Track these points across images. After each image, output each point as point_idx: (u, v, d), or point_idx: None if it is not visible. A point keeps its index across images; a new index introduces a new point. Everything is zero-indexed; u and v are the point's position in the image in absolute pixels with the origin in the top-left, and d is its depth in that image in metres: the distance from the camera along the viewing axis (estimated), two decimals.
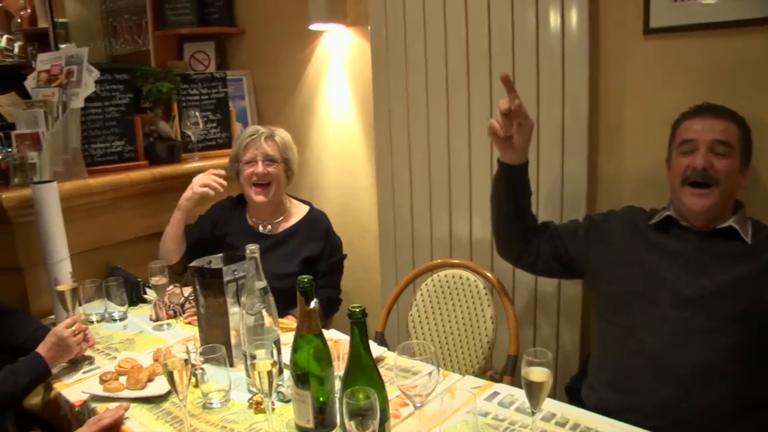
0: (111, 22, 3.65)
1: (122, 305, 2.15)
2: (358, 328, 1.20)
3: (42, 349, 1.69)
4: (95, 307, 2.15)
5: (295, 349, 1.31)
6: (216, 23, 3.32)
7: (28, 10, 4.38)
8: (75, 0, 3.94)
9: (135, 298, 2.28)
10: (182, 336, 1.97)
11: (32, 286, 2.19)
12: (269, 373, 1.29)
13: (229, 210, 2.46)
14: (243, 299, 1.53)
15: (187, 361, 1.38)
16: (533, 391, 1.26)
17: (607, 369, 1.72)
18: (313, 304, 1.27)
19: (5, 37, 4.33)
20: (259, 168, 2.29)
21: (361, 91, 2.88)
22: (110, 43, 3.68)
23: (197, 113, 2.68)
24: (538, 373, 1.25)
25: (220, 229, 2.41)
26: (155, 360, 1.74)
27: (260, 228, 2.38)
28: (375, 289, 2.91)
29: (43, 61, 2.39)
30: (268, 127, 2.40)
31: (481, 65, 2.34)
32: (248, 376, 1.56)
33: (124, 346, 1.94)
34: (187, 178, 2.58)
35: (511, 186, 1.82)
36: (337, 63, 2.97)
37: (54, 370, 1.71)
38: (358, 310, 1.19)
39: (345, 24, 2.85)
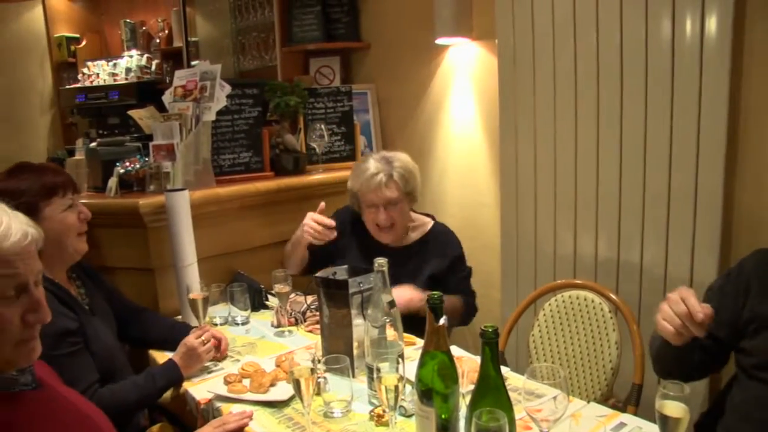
0: (240, 39, 3.85)
1: (245, 310, 2.22)
2: (490, 347, 1.16)
3: (176, 356, 1.80)
4: (219, 311, 2.23)
5: (421, 364, 1.29)
6: (341, 38, 3.41)
7: (166, 31, 4.74)
8: (206, 20, 4.19)
9: (257, 303, 2.34)
10: (303, 344, 2.01)
11: (162, 287, 2.30)
12: (396, 388, 1.28)
13: (353, 221, 2.35)
14: (368, 311, 1.53)
15: (313, 370, 1.40)
16: (668, 427, 1.17)
17: (752, 425, 1.50)
18: (442, 321, 1.24)
19: (145, 56, 4.72)
20: (381, 216, 2.17)
21: (486, 105, 2.85)
22: (238, 59, 3.87)
23: (323, 126, 2.72)
24: (675, 408, 1.16)
25: (342, 239, 2.31)
26: (278, 365, 1.77)
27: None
28: (495, 307, 2.85)
29: (180, 77, 2.52)
30: (384, 159, 2.20)
31: (612, 79, 2.26)
32: (370, 388, 1.55)
33: (246, 349, 1.99)
34: (310, 189, 2.67)
35: (678, 353, 1.56)
36: (463, 77, 2.95)
37: (186, 375, 1.80)
38: (490, 330, 1.15)
39: (471, 38, 2.84)
